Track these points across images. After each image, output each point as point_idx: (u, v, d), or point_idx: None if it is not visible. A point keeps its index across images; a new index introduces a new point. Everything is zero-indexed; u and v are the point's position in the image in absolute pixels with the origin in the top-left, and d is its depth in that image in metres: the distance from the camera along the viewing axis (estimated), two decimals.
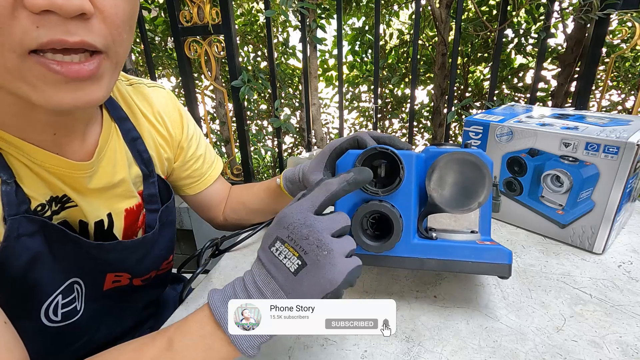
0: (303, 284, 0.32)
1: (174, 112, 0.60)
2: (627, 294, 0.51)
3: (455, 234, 0.49)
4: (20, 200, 0.37)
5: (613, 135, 0.55)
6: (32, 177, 0.40)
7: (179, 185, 0.66)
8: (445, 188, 0.46)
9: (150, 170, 0.54)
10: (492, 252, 0.45)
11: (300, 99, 2.07)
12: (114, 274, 0.51)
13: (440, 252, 0.46)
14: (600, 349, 0.42)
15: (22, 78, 0.30)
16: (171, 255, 0.61)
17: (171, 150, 0.60)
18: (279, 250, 0.34)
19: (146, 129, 0.55)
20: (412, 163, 0.45)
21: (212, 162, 0.69)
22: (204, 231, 1.58)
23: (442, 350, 0.43)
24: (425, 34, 2.08)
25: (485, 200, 0.45)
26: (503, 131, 0.66)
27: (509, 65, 1.92)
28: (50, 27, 0.28)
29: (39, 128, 0.38)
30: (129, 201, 0.52)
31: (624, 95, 1.87)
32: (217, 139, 2.09)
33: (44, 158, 0.40)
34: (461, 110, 1.30)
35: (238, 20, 2.26)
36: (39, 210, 0.40)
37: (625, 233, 0.66)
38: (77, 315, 0.46)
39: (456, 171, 0.46)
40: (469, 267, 0.45)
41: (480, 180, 0.45)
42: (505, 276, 0.45)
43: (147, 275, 0.56)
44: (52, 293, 0.43)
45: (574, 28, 1.44)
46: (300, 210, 0.34)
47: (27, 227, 0.38)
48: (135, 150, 0.52)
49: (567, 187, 0.61)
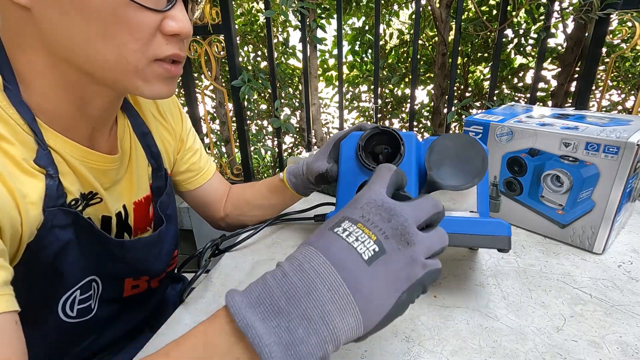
0: (378, 279, 0.25)
1: (174, 106, 0.63)
2: (627, 294, 0.51)
3: (455, 212, 0.50)
4: (59, 194, 0.40)
5: (613, 135, 0.55)
6: (69, 173, 0.43)
7: (179, 181, 0.67)
8: (444, 166, 0.47)
9: (159, 164, 0.57)
10: (491, 225, 0.46)
11: (300, 99, 2.06)
12: (132, 278, 0.52)
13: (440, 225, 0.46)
14: (600, 349, 0.42)
15: (143, 77, 0.39)
16: (176, 250, 0.63)
17: (175, 144, 0.63)
18: (348, 232, 0.26)
19: (153, 124, 0.58)
20: (413, 143, 0.47)
21: (207, 159, 0.71)
22: (204, 231, 1.58)
23: (442, 350, 0.43)
24: (425, 34, 2.08)
25: (482, 176, 0.46)
26: (503, 131, 0.66)
27: (509, 65, 1.92)
28: (174, 44, 0.39)
29: (84, 122, 0.44)
30: (139, 193, 0.54)
31: (624, 95, 1.87)
32: (217, 139, 2.08)
33: (84, 154, 0.44)
34: (461, 110, 1.29)
35: (238, 20, 2.26)
36: (72, 204, 0.43)
37: (625, 233, 0.66)
38: (91, 314, 0.47)
39: (453, 149, 0.47)
40: (470, 240, 0.46)
41: (476, 156, 0.46)
42: (505, 248, 0.45)
43: (163, 273, 0.58)
44: (72, 287, 0.44)
45: (574, 28, 1.44)
46: (375, 191, 0.29)
47: (61, 219, 0.40)
48: (146, 144, 0.56)
49: (567, 187, 0.61)
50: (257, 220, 0.73)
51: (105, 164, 0.47)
